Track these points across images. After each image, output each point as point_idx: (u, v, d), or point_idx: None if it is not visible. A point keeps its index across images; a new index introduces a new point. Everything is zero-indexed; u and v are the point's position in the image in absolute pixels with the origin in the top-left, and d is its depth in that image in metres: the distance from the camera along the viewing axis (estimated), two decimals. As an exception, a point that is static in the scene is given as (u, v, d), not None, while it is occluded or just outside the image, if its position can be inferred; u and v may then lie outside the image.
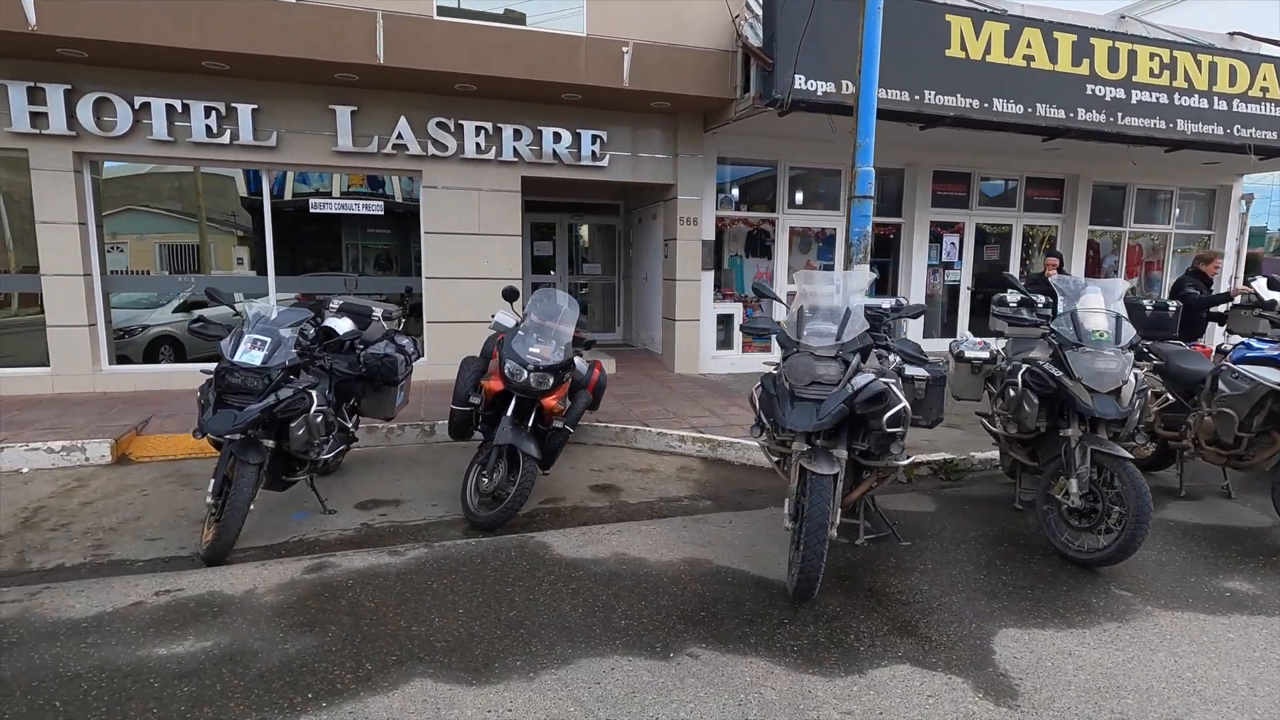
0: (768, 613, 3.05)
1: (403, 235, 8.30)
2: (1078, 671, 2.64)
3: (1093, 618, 3.05)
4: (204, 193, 7.66)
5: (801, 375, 3.06)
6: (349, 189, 7.83)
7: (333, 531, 4.08)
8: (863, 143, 5.48)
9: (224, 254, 8.00)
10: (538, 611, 3.05)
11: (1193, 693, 2.53)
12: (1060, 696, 2.48)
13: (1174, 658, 2.75)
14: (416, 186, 7.78)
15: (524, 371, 4.17)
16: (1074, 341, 3.56)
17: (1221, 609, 3.17)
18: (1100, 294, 3.73)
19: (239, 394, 3.66)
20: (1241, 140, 8.81)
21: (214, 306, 5.62)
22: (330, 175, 7.74)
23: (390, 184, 7.99)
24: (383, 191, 7.99)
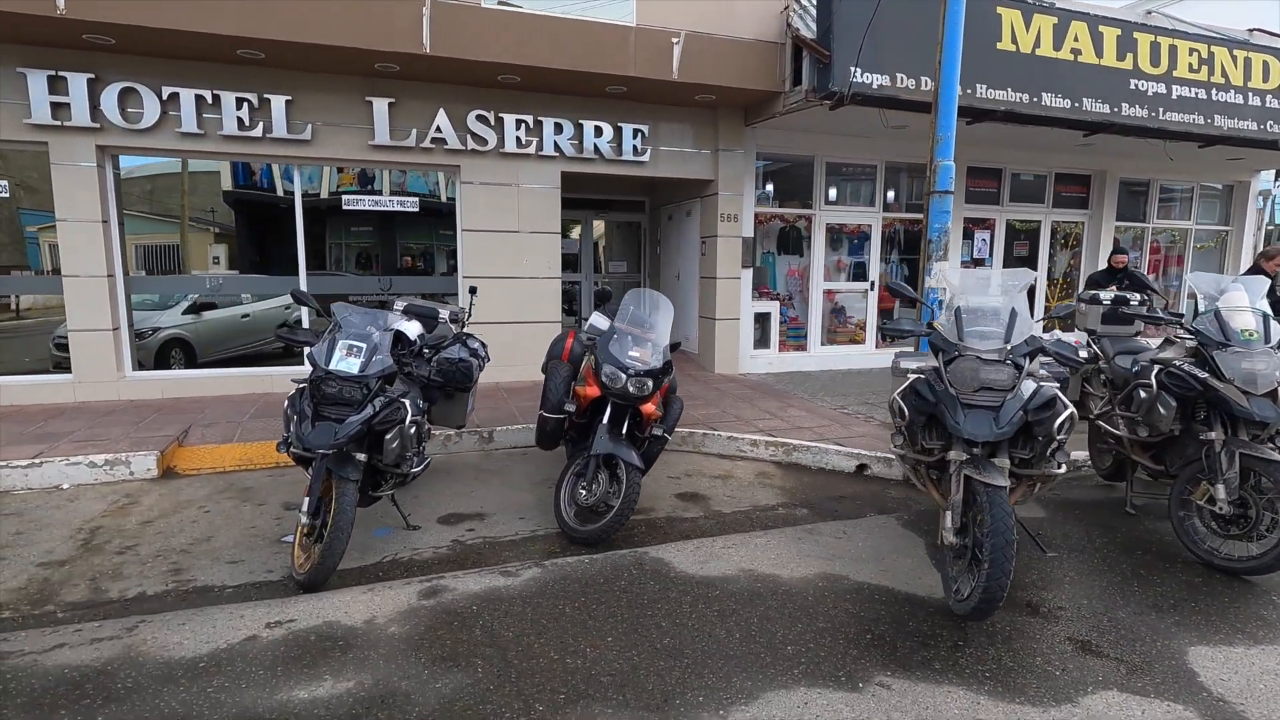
0: (936, 634, 2.87)
1: (430, 234, 7.98)
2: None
3: (1275, 631, 2.91)
4: (189, 190, 7.19)
5: (969, 381, 2.88)
6: (339, 188, 7.35)
7: (424, 550, 3.82)
8: (943, 136, 5.32)
9: (199, 253, 7.38)
10: (693, 638, 2.83)
11: None
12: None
13: (1378, 674, 2.62)
14: (446, 183, 7.48)
15: (623, 376, 3.94)
16: (1220, 341, 3.43)
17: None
18: (1244, 292, 3.59)
19: (335, 404, 3.38)
20: (1274, 136, 8.84)
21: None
22: (319, 170, 7.29)
23: (380, 180, 7.52)
24: (375, 189, 7.58)
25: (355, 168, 7.26)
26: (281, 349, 7.42)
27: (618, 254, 10.84)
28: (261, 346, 7.45)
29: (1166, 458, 3.86)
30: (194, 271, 7.19)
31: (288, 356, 7.32)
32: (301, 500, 3.45)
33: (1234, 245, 11.71)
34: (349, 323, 3.60)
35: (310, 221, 7.17)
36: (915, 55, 6.84)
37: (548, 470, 5.19)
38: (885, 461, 5.14)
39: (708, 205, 8.49)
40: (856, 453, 5.27)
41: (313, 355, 3.46)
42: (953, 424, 2.83)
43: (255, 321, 7.70)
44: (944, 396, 2.90)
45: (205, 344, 7.36)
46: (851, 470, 5.25)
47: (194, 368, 7.10)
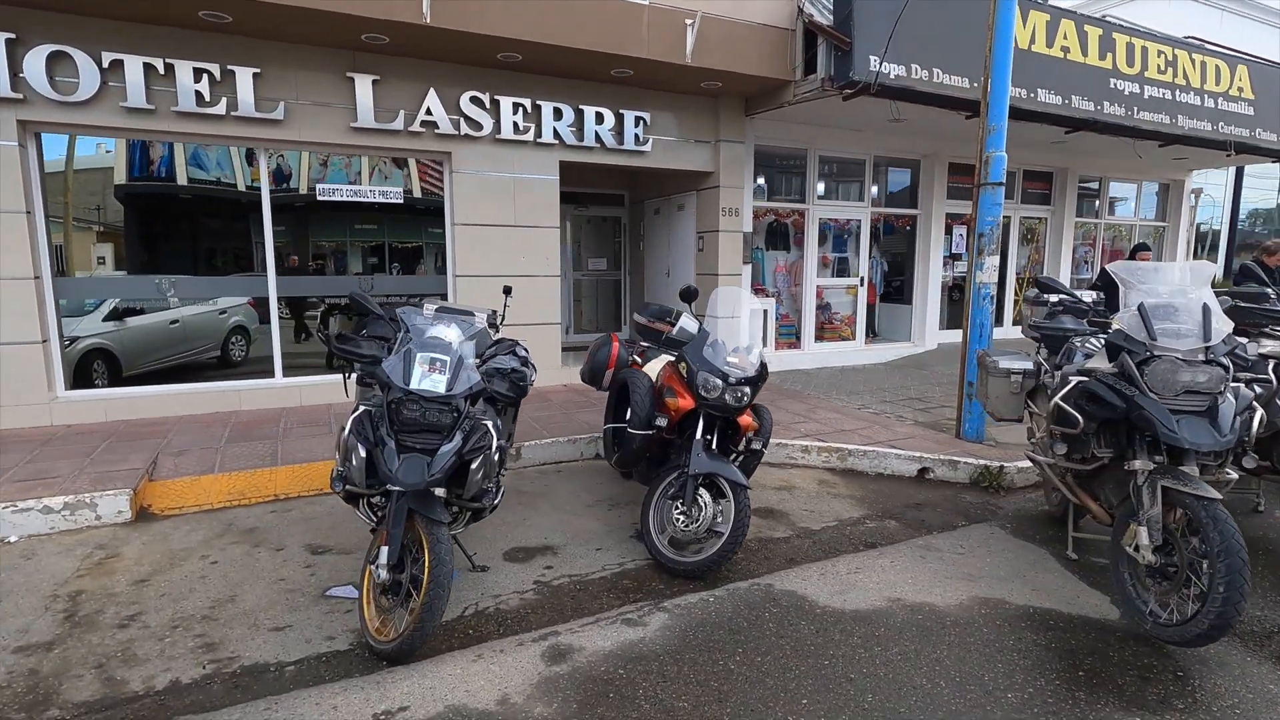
0: (1148, 664, 2.60)
1: (416, 228, 7.22)
2: None
3: None
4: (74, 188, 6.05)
5: (1172, 384, 2.62)
6: (253, 182, 6.25)
7: (507, 596, 3.25)
8: (995, 126, 5.16)
9: (82, 253, 6.06)
10: (897, 691, 2.44)
11: None
12: None
13: None
14: (418, 175, 6.76)
15: (721, 385, 3.51)
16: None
17: None
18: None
19: (416, 432, 2.78)
20: (1224, 136, 9.36)
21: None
22: (298, 156, 6.44)
23: (297, 171, 6.63)
24: (288, 183, 6.48)
25: (334, 153, 6.41)
26: (218, 359, 6.48)
27: (595, 250, 10.30)
28: (196, 356, 6.46)
29: (1103, 492, 3.16)
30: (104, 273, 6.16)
31: (229, 367, 6.40)
32: (376, 550, 2.83)
33: (1170, 240, 12.47)
34: (421, 330, 2.98)
35: (279, 214, 6.28)
36: (928, 46, 6.71)
37: (595, 490, 4.68)
38: (950, 465, 4.93)
39: (706, 199, 8.12)
40: (918, 456, 5.04)
41: (384, 372, 2.82)
42: (1166, 431, 2.56)
43: (187, 328, 6.70)
44: (1145, 402, 2.63)
45: (131, 355, 6.29)
46: (913, 475, 5.02)
47: (124, 384, 6.02)
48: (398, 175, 6.68)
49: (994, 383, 4.04)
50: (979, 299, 5.30)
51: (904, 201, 9.83)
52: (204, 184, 6.20)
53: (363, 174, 6.54)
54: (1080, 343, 3.50)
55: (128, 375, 6.14)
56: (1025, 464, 4.84)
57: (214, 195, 6.25)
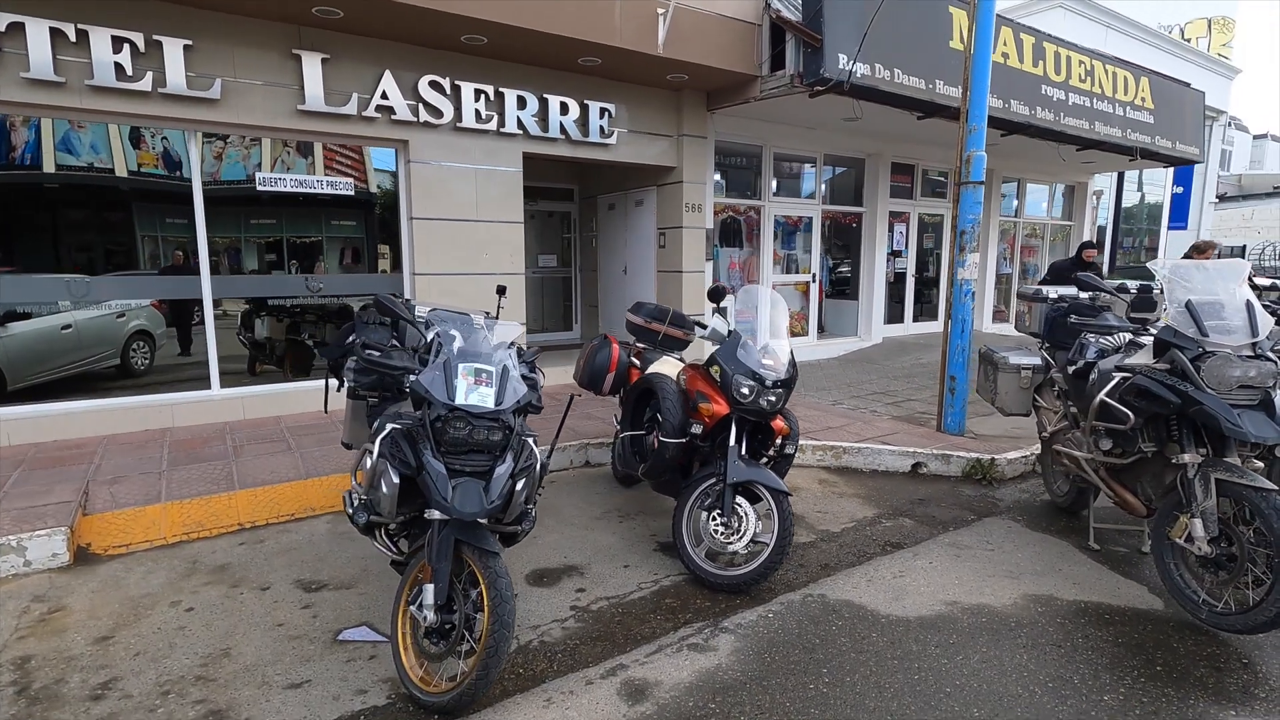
0: (1213, 654, 2.67)
1: (366, 223, 6.66)
2: None
3: None
4: None
5: (1227, 379, 2.69)
6: (140, 168, 5.46)
7: (548, 626, 2.97)
8: (975, 127, 5.28)
9: None
10: (1001, 702, 2.37)
11: None
12: None
13: None
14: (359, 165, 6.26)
15: (757, 388, 3.36)
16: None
17: None
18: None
19: (464, 452, 2.46)
20: (1132, 143, 10.14)
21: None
22: (238, 142, 5.78)
23: (191, 158, 6.13)
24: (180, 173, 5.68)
25: (279, 138, 5.78)
26: (115, 369, 5.71)
27: (544, 246, 9.93)
28: (91, 366, 5.66)
29: (1140, 485, 3.19)
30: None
31: (130, 378, 5.66)
32: (415, 589, 2.49)
33: (1075, 237, 13.43)
34: (455, 337, 2.65)
35: (210, 206, 5.60)
36: (888, 47, 6.82)
37: (598, 501, 4.44)
38: (942, 459, 5.01)
39: (668, 194, 7.96)
40: (910, 451, 5.09)
41: (422, 386, 2.48)
42: (1230, 426, 2.63)
43: (81, 334, 5.89)
44: (1204, 397, 2.69)
45: (17, 365, 5.42)
46: (907, 470, 5.07)
47: (9, 402, 5.17)
48: (300, 164, 5.97)
49: (1004, 379, 4.11)
50: (960, 295, 5.42)
51: (850, 199, 10.06)
52: (74, 170, 5.30)
53: (263, 163, 5.83)
54: (1094, 339, 3.59)
55: (12, 390, 5.25)
56: (1014, 455, 4.99)
57: (86, 183, 5.36)
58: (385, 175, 6.38)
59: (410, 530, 2.86)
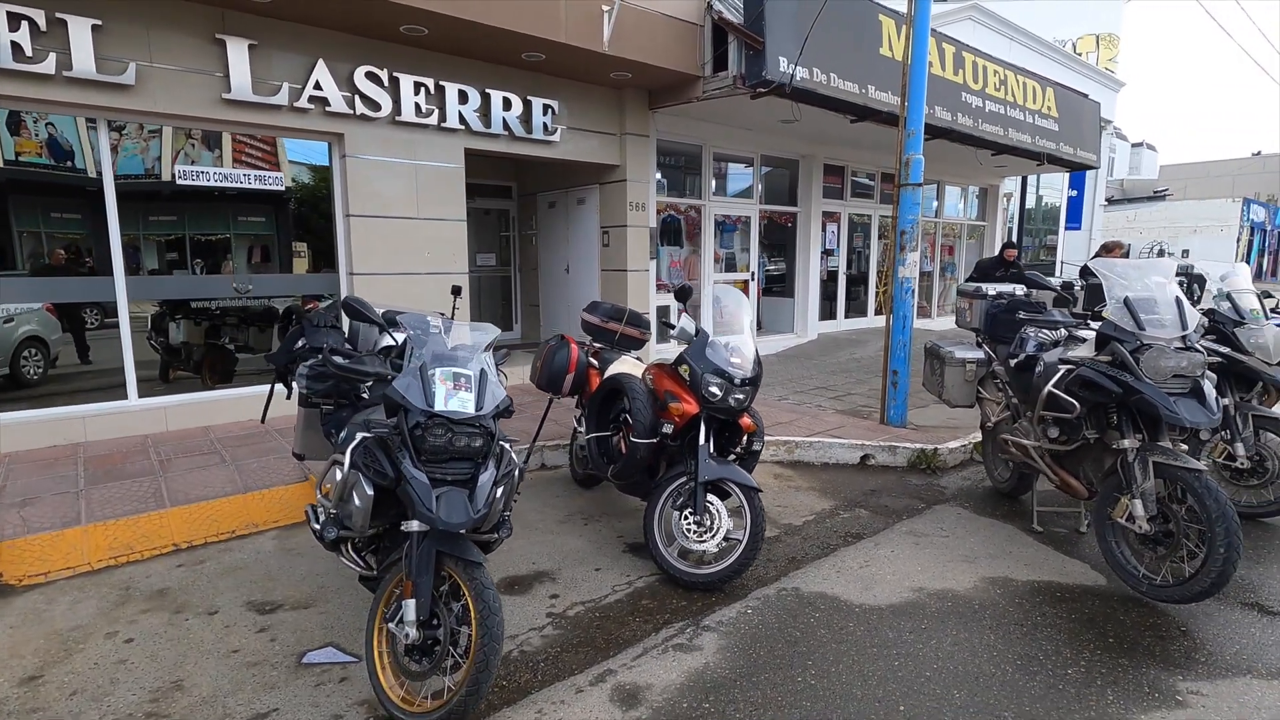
0: (1156, 625, 2.88)
1: (294, 220, 6.32)
2: None
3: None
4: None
5: (1164, 370, 2.91)
6: (18, 157, 4.98)
7: (527, 635, 2.89)
8: (913, 131, 5.50)
9: None
10: (976, 681, 2.48)
11: None
12: None
13: None
14: (332, 155, 5.96)
15: (727, 387, 3.39)
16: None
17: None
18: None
19: (444, 461, 2.36)
20: (1039, 149, 10.84)
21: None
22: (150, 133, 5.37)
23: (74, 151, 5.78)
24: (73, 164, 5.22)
25: (201, 128, 5.39)
26: (4, 379, 5.21)
27: (482, 245, 9.69)
28: None
29: (1082, 470, 3.40)
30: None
31: (23, 388, 5.19)
32: (394, 605, 2.38)
33: (988, 237, 14.27)
34: (429, 341, 2.54)
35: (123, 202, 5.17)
36: (824, 52, 7.02)
37: (558, 504, 4.38)
38: (889, 450, 5.20)
39: (611, 193, 7.93)
40: (859, 444, 5.27)
41: (397, 393, 2.36)
42: (1168, 413, 2.84)
43: None
44: (1143, 386, 2.90)
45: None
46: (856, 462, 5.24)
47: None
48: (207, 157, 5.58)
49: (950, 372, 4.31)
50: (901, 292, 5.65)
51: (785, 200, 10.32)
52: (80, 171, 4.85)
53: (164, 156, 5.43)
54: (1033, 332, 3.81)
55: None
56: (954, 445, 5.24)
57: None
58: (302, 168, 6.07)
59: (379, 544, 2.74)
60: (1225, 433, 3.96)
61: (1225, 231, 27.72)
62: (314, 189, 6.21)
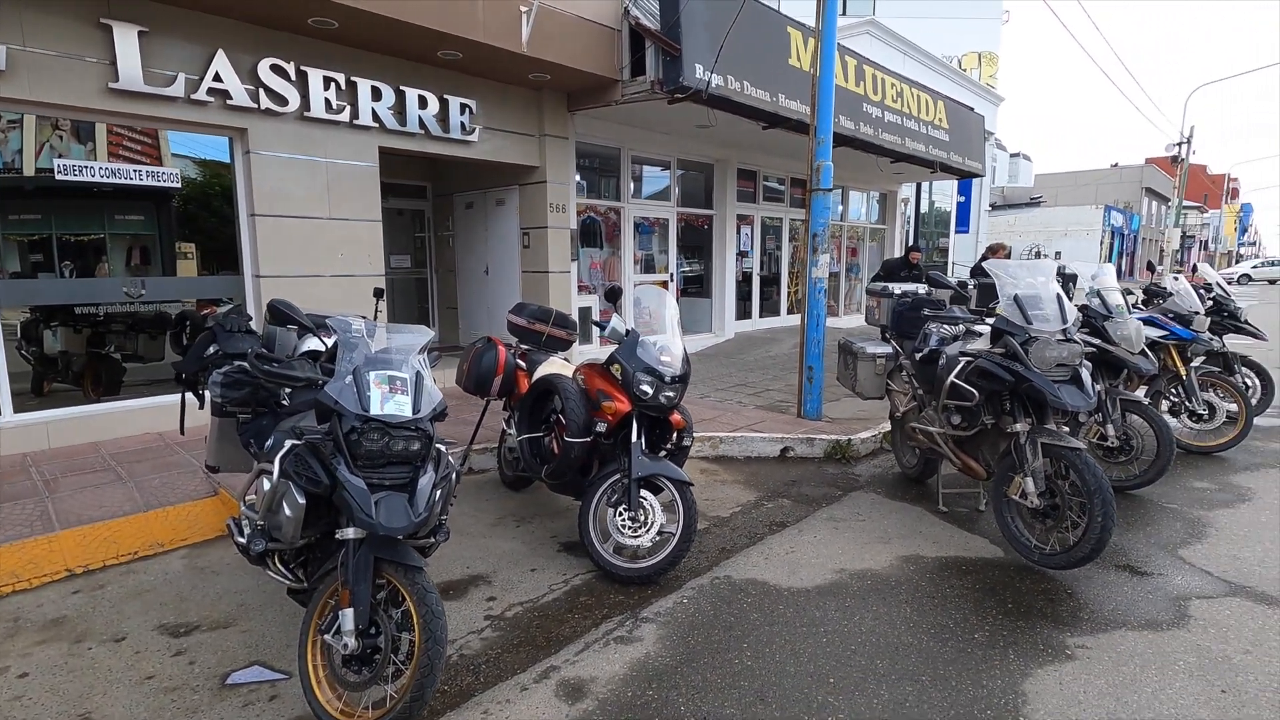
0: (1047, 590, 3.19)
1: (191, 219, 5.94)
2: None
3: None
4: None
5: (1049, 359, 3.23)
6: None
7: (466, 639, 2.87)
8: (823, 139, 5.81)
9: None
10: (895, 650, 2.67)
11: None
12: None
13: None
14: (235, 151, 5.64)
15: (658, 385, 3.49)
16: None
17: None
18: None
19: (380, 466, 2.32)
20: (933, 157, 11.63)
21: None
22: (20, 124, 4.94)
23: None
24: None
25: (87, 119, 4.97)
26: None
27: (396, 246, 9.39)
28: None
29: (981, 453, 3.69)
30: None
31: None
32: (330, 615, 2.32)
33: (888, 240, 15.14)
34: (360, 344, 2.48)
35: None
36: (738, 60, 7.27)
37: (489, 508, 4.35)
38: (807, 443, 5.46)
39: (531, 194, 7.89)
40: (779, 437, 5.50)
41: (329, 397, 2.31)
42: (1054, 398, 3.15)
43: None
44: (1032, 375, 3.21)
45: None
46: (777, 455, 5.47)
47: None
48: (77, 150, 5.16)
49: (862, 367, 4.59)
50: (815, 292, 5.94)
51: (701, 203, 10.58)
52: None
53: (25, 149, 5.00)
54: (935, 328, 4.13)
55: None
56: (865, 435, 5.57)
57: None
58: (188, 163, 5.73)
59: (309, 555, 2.65)
60: (1098, 415, 4.42)
61: (1090, 235, 30.59)
62: (204, 186, 5.88)
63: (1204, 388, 5.24)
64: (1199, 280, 5.98)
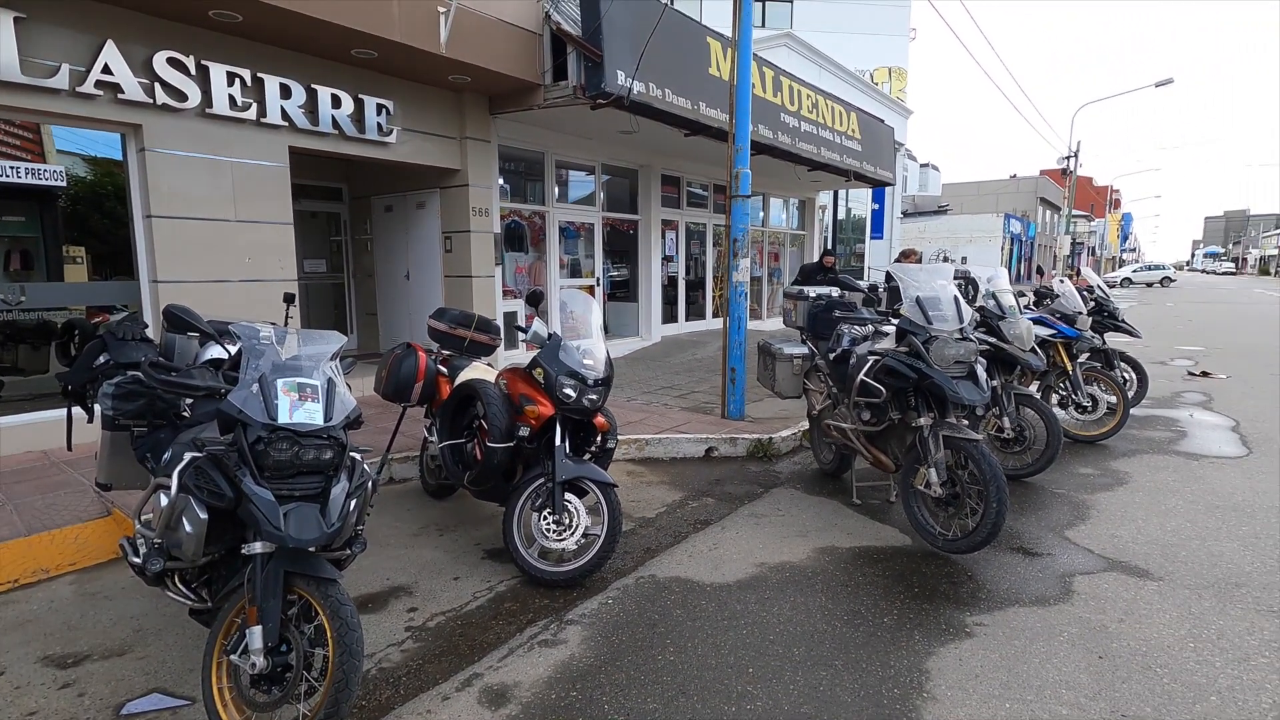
0: (950, 574, 3.39)
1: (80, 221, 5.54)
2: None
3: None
4: None
5: (948, 357, 3.44)
6: None
7: (386, 652, 2.80)
8: (741, 147, 5.97)
9: None
10: (811, 638, 2.79)
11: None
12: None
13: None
14: (128, 148, 5.30)
15: (582, 388, 3.51)
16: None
17: (1097, 487, 4.71)
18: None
19: (290, 476, 2.25)
20: (847, 167, 12.14)
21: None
22: None
23: None
24: None
25: (-47, 112, 4.55)
26: None
27: (310, 250, 9.02)
28: None
29: (890, 447, 3.89)
30: None
31: None
32: (236, 635, 2.22)
33: (808, 245, 15.68)
34: (266, 351, 2.39)
35: None
36: (659, 68, 7.40)
37: (410, 518, 4.26)
38: (730, 442, 5.60)
39: (453, 197, 7.76)
40: (703, 438, 5.61)
41: (234, 407, 2.21)
42: (952, 393, 3.36)
43: None
44: (933, 372, 3.41)
45: None
46: (702, 455, 5.58)
47: None
48: None
49: (780, 367, 4.75)
50: (736, 296, 6.10)
51: (626, 208, 10.67)
52: None
53: None
54: (847, 329, 4.33)
55: None
56: (786, 433, 5.75)
57: None
58: (77, 160, 5.37)
59: (212, 573, 2.52)
60: (996, 409, 4.74)
61: (992, 241, 32.60)
62: (94, 185, 5.51)
63: (1088, 382, 5.70)
64: (1082, 283, 6.49)
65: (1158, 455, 5.38)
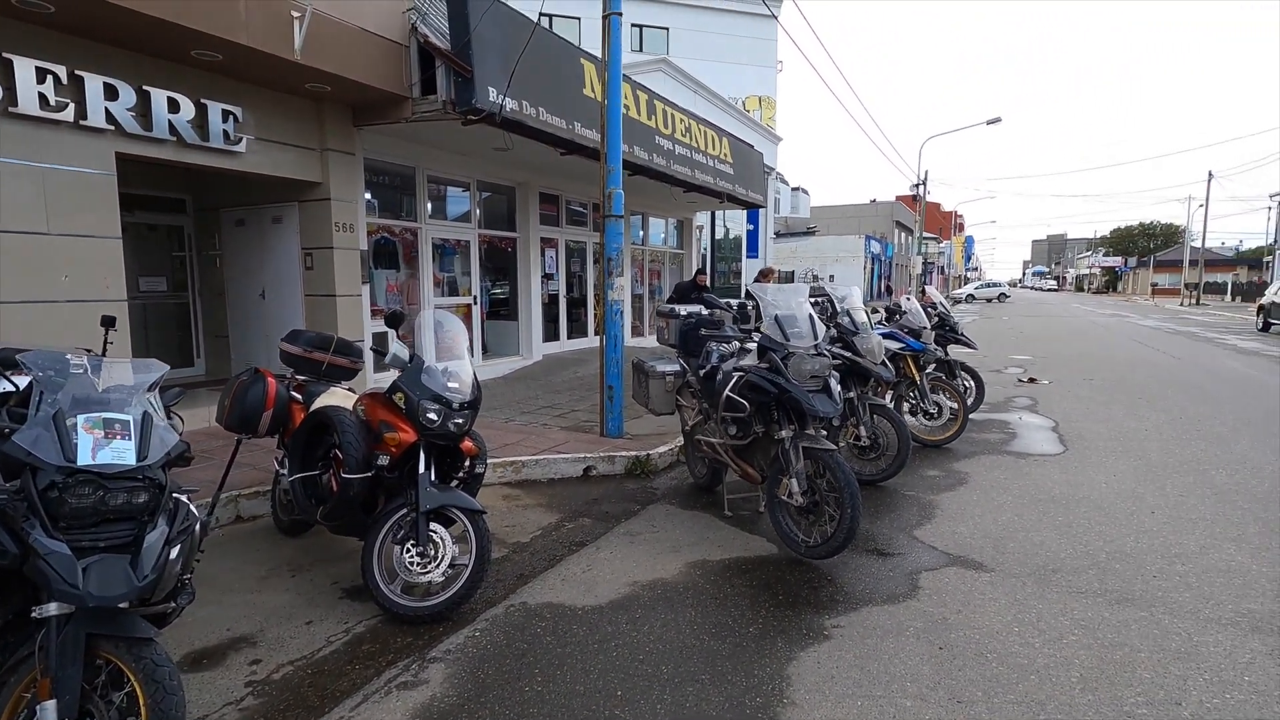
0: (811, 579, 3.54)
1: None
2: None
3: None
4: None
5: (804, 372, 3.62)
6: None
7: (221, 712, 2.54)
8: (613, 168, 6.06)
9: None
10: (679, 653, 2.80)
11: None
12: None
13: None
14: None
15: (446, 413, 3.39)
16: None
17: (942, 488, 5.13)
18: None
19: (93, 525, 2.00)
20: (720, 189, 12.64)
21: None
22: None
23: None
24: None
25: None
26: None
27: (148, 266, 8.16)
28: None
29: (756, 459, 4.00)
30: None
31: None
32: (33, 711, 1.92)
33: (687, 263, 16.14)
34: (65, 384, 2.12)
35: None
36: (533, 87, 7.38)
37: (260, 559, 3.93)
38: (608, 460, 5.60)
39: (313, 211, 7.30)
40: (581, 457, 5.58)
41: (19, 449, 1.93)
42: (808, 406, 3.53)
43: None
44: (790, 387, 3.57)
45: None
46: (580, 475, 5.54)
47: None
48: None
49: (654, 384, 4.82)
50: (611, 314, 6.15)
51: (504, 225, 10.51)
52: None
53: None
54: (715, 346, 4.47)
55: None
56: (663, 449, 5.83)
57: None
58: None
59: (-2, 641, 2.18)
60: (853, 419, 5.05)
61: (856, 261, 35.08)
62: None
63: (934, 391, 6.21)
64: (928, 300, 7.10)
65: (992, 455, 5.95)
